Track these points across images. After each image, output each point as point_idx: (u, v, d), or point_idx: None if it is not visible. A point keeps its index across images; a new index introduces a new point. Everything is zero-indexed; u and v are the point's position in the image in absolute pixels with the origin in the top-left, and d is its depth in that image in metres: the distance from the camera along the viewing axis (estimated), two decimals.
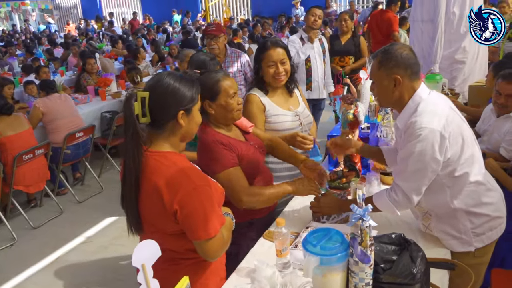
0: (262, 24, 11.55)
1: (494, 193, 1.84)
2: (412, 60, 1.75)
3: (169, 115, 1.48)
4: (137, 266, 1.02)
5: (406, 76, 1.74)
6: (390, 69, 1.74)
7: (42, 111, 4.52)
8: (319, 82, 4.41)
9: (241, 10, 19.03)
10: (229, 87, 1.96)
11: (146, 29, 14.78)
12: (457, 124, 1.73)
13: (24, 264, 3.68)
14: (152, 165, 1.46)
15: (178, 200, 1.41)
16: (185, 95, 1.49)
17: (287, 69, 2.39)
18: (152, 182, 1.44)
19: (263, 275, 1.29)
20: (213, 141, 1.93)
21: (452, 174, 1.73)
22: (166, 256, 1.39)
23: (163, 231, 1.49)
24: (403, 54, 1.74)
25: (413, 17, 4.91)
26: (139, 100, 1.42)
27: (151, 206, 1.46)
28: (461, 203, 1.76)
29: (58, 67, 8.50)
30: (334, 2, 17.27)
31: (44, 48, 11.79)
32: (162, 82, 1.47)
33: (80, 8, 22.98)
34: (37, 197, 4.74)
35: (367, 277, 1.46)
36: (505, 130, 2.61)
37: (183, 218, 1.43)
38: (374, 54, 1.83)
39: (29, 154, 4.04)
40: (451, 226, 1.81)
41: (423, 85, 1.79)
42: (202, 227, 1.43)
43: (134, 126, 1.41)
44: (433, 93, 1.80)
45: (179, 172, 1.45)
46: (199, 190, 1.44)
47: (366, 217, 1.41)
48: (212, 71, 2.04)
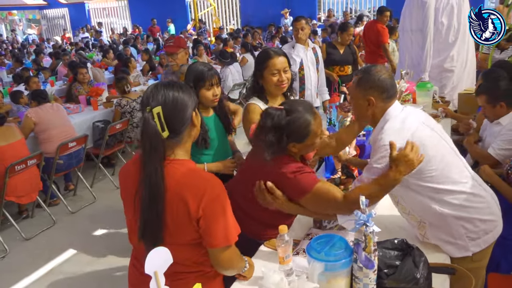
0: (252, 34, 11.63)
1: (481, 198, 1.86)
2: (387, 84, 1.83)
3: (186, 121, 1.50)
4: (149, 273, 1.02)
5: (380, 99, 1.82)
6: (366, 90, 1.83)
7: (34, 121, 4.49)
8: (312, 91, 4.45)
9: (230, 20, 19.15)
10: (317, 128, 1.84)
11: (134, 39, 14.78)
12: (425, 138, 1.76)
13: (16, 276, 3.62)
14: (171, 173, 1.46)
15: (203, 207, 1.43)
16: (189, 96, 1.52)
17: (288, 77, 2.43)
18: (175, 190, 1.44)
19: (271, 282, 1.30)
20: (298, 169, 1.81)
21: (429, 185, 1.78)
22: (168, 271, 1.41)
23: (178, 242, 1.48)
24: (381, 78, 1.82)
25: (402, 27, 5.01)
26: (156, 117, 1.42)
27: (175, 215, 1.45)
28: (448, 210, 1.79)
29: (47, 77, 8.44)
30: (322, 12, 17.50)
31: (32, 58, 11.71)
32: (169, 94, 1.47)
33: (68, 18, 22.88)
34: (28, 208, 4.68)
35: (371, 283, 1.48)
36: (497, 131, 2.72)
37: (206, 225, 1.44)
38: (356, 71, 1.89)
39: (21, 165, 3.99)
40: (445, 233, 1.84)
41: (396, 104, 1.86)
42: (223, 234, 1.45)
43: (162, 143, 1.42)
44: (406, 109, 1.86)
45: (201, 179, 1.49)
46: (222, 197, 1.48)
47: (370, 222, 1.43)
48: (301, 110, 1.80)
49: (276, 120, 1.75)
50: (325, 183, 1.82)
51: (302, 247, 1.89)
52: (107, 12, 22.27)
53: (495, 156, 2.63)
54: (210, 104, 2.51)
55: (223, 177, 2.57)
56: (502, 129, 2.67)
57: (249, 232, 1.90)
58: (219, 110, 2.61)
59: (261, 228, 1.98)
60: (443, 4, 4.50)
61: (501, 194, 2.33)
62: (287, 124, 1.75)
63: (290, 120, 1.75)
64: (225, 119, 2.63)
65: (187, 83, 2.45)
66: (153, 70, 9.10)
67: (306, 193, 1.76)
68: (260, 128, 1.81)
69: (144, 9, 19.16)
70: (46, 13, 23.80)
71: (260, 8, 16.51)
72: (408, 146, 1.68)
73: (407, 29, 4.86)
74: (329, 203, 1.75)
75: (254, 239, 1.98)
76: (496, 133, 2.71)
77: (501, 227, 1.91)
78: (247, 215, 1.95)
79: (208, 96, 2.46)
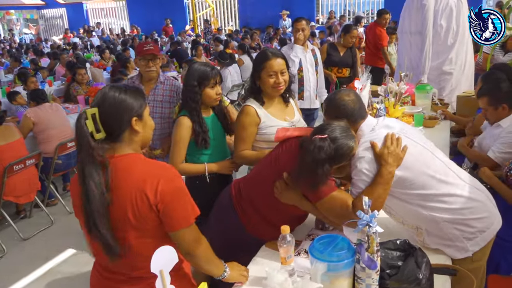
0: (251, 35, 11.64)
1: (473, 197, 1.86)
2: (350, 109, 1.90)
3: (123, 124, 1.49)
4: (155, 272, 1.03)
5: (349, 122, 1.87)
6: (334, 118, 1.89)
7: (33, 121, 4.47)
8: (310, 92, 4.46)
9: (229, 21, 19.16)
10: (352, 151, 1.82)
11: (132, 39, 14.76)
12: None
13: (14, 276, 3.60)
14: (123, 168, 1.47)
15: (160, 191, 1.44)
16: (133, 102, 1.51)
17: (286, 80, 2.41)
18: (130, 183, 1.45)
19: (275, 281, 1.30)
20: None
21: (414, 192, 1.80)
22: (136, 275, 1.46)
23: (144, 235, 1.49)
24: (344, 104, 1.90)
25: (401, 29, 5.03)
26: (90, 117, 1.43)
27: (135, 208, 1.45)
28: (440, 214, 1.80)
29: (45, 77, 8.42)
30: (321, 14, 17.55)
31: (30, 58, 11.68)
32: (108, 95, 1.49)
33: (66, 18, 22.82)
34: (26, 208, 4.66)
35: (374, 283, 1.48)
36: (497, 133, 2.72)
37: (164, 207, 1.46)
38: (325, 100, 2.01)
39: (20, 164, 3.98)
40: (441, 237, 1.84)
41: (368, 120, 1.92)
42: (182, 215, 1.49)
43: (89, 144, 1.41)
44: (379, 124, 1.90)
45: (154, 165, 1.52)
46: (176, 180, 1.50)
47: (372, 223, 1.44)
48: (343, 136, 1.79)
49: (328, 151, 1.71)
50: (342, 193, 1.84)
51: (304, 247, 1.90)
52: (105, 12, 22.24)
53: (494, 158, 2.64)
54: (212, 103, 2.52)
55: (222, 177, 2.59)
56: (502, 131, 2.68)
57: (258, 233, 1.97)
58: (218, 110, 2.62)
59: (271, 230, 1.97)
60: (442, 6, 4.51)
61: (500, 196, 2.35)
62: (335, 152, 1.73)
63: (336, 147, 1.73)
64: (224, 119, 2.64)
65: (189, 83, 2.45)
66: None
67: (321, 198, 1.79)
68: (312, 161, 1.72)
69: (142, 10, 19.17)
70: (44, 13, 23.74)
71: (259, 10, 16.54)
72: (388, 140, 1.76)
73: (406, 31, 4.88)
74: (341, 210, 1.78)
75: (256, 237, 2.00)
76: (496, 136, 2.72)
77: (498, 223, 1.91)
78: (262, 217, 1.99)
79: (212, 95, 2.47)
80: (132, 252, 1.49)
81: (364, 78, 3.12)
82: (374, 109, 2.91)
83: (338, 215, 1.80)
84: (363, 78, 3.11)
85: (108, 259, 1.48)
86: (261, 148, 2.46)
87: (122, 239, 1.48)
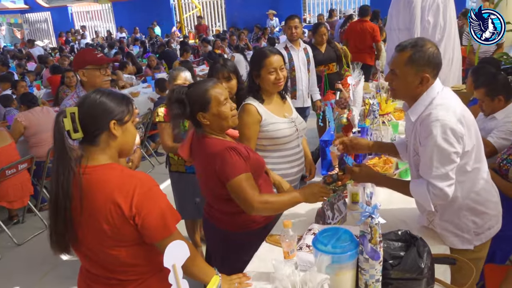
0: (238, 35, 11.66)
1: (495, 192, 1.94)
2: (439, 59, 1.77)
3: (101, 126, 1.48)
4: (168, 266, 1.04)
5: (432, 75, 1.76)
6: (421, 67, 1.74)
7: (24, 125, 4.44)
8: (303, 91, 4.49)
9: (216, 22, 19.14)
10: (219, 95, 1.93)
11: (119, 42, 14.66)
12: (469, 118, 1.79)
13: (11, 282, 3.58)
14: (97, 179, 1.45)
15: (135, 204, 1.42)
16: (115, 106, 1.51)
17: (285, 75, 2.46)
18: (104, 195, 1.43)
19: (282, 273, 1.32)
20: (224, 148, 1.91)
21: (464, 168, 1.78)
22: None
23: (120, 245, 1.49)
24: (434, 54, 1.75)
25: (389, 25, 5.08)
26: (69, 116, 1.43)
27: (110, 220, 1.44)
28: (469, 199, 1.82)
29: (32, 81, 8.34)
30: (307, 13, 17.62)
31: (17, 62, 11.53)
32: (90, 97, 1.50)
33: (51, 22, 22.56)
34: (19, 213, 4.62)
35: (377, 274, 1.50)
36: (492, 126, 2.78)
37: (143, 221, 1.44)
38: (401, 47, 1.80)
39: (12, 169, 3.95)
40: (454, 225, 1.87)
41: (437, 79, 1.82)
42: (162, 225, 1.47)
43: (63, 143, 1.41)
44: (445, 88, 1.83)
45: (129, 177, 1.47)
46: (153, 190, 1.48)
47: (375, 214, 1.46)
48: (200, 82, 2.02)
49: (176, 94, 1.92)
50: (249, 179, 1.92)
51: (305, 242, 1.91)
52: (91, 15, 22.01)
53: (493, 143, 2.70)
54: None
55: None
56: (497, 123, 2.74)
57: (223, 224, 2.09)
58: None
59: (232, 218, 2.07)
60: (429, 3, 4.58)
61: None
62: (187, 95, 1.92)
63: (189, 91, 1.93)
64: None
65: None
66: (139, 73, 9.07)
67: (228, 180, 1.89)
68: (167, 105, 2.01)
69: (128, 12, 19.05)
70: (28, 17, 23.43)
71: (246, 10, 16.54)
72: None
73: (394, 28, 4.94)
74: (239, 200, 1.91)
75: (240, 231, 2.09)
76: (490, 129, 2.77)
77: (500, 223, 1.96)
78: (216, 209, 2.10)
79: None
80: (110, 257, 1.50)
81: (356, 74, 3.15)
82: (368, 105, 2.95)
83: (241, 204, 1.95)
84: (355, 74, 3.14)
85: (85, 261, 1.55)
86: (263, 146, 2.48)
87: (98, 246, 1.48)
